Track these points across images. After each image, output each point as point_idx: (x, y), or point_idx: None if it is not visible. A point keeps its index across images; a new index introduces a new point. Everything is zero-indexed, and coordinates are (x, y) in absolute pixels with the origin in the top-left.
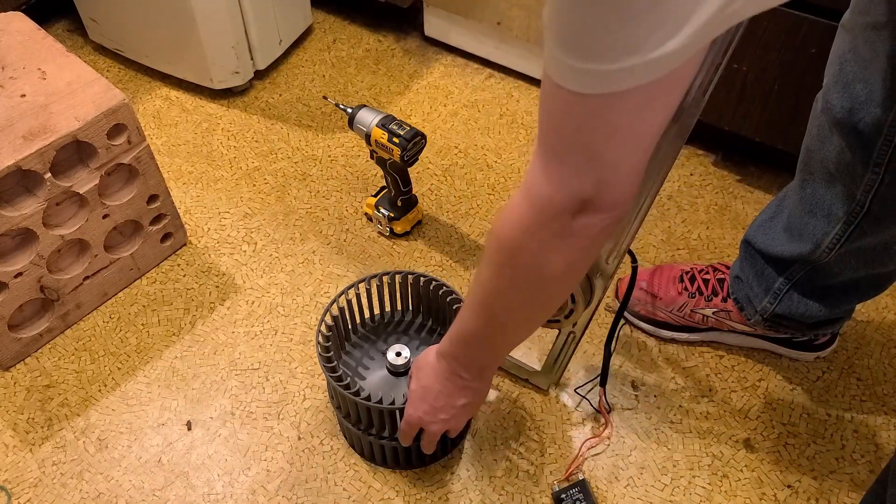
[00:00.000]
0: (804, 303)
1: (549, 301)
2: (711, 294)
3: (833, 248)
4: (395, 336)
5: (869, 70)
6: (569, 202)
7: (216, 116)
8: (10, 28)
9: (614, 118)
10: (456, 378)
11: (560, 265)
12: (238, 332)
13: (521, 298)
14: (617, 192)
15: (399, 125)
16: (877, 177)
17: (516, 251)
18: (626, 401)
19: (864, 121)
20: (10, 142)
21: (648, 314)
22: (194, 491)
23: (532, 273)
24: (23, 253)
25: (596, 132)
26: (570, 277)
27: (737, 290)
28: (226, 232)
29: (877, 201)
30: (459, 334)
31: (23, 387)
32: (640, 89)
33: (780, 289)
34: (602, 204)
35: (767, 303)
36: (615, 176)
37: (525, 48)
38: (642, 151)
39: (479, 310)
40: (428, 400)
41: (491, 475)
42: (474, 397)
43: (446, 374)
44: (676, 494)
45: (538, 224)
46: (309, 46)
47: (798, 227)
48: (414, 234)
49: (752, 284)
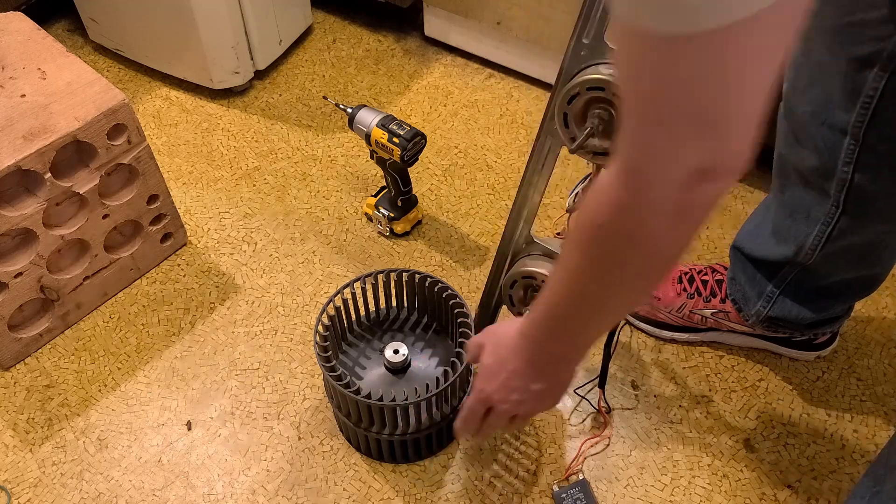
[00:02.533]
0: (797, 306)
1: (657, 281)
2: (710, 295)
3: (816, 250)
4: (392, 334)
5: (825, 72)
6: (683, 176)
7: (216, 116)
8: (10, 28)
9: (734, 59)
10: (535, 360)
11: (676, 244)
12: (238, 332)
13: (628, 286)
14: (739, 153)
15: (399, 125)
16: (847, 175)
17: (620, 239)
18: (626, 401)
19: (827, 122)
20: (10, 142)
21: (648, 314)
22: (194, 491)
23: (643, 259)
24: (23, 253)
25: (711, 83)
26: (684, 251)
27: (733, 291)
28: (226, 232)
29: (851, 199)
30: (545, 318)
31: (23, 387)
32: (763, 16)
33: (771, 293)
34: (723, 170)
35: (761, 307)
36: (737, 134)
37: (525, 48)
38: (763, 99)
39: (576, 299)
40: (500, 377)
41: (491, 475)
42: (552, 386)
43: (526, 354)
44: (676, 494)
45: (649, 207)
46: (309, 46)
47: (782, 231)
48: (414, 234)
49: (746, 289)
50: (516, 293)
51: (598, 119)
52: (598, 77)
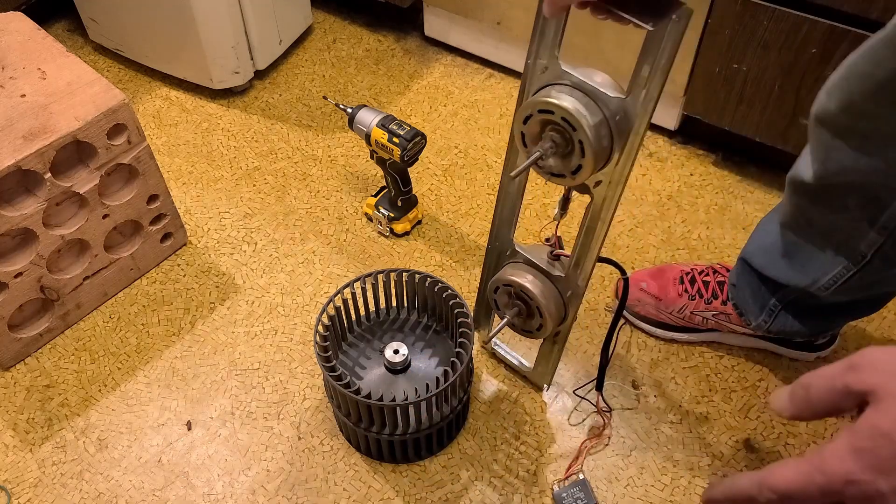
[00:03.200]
0: (797, 322)
1: None
2: (711, 297)
3: (830, 287)
4: (392, 334)
5: (884, 144)
6: None
7: (216, 116)
8: (10, 28)
9: None
10: None
11: None
12: (238, 332)
13: None
14: None
15: (399, 125)
16: (881, 238)
17: None
18: (627, 401)
19: (874, 187)
20: (10, 142)
21: (649, 315)
22: (194, 491)
23: None
24: (23, 253)
25: None
26: None
27: (735, 296)
28: (226, 232)
29: (879, 256)
30: None
31: (23, 387)
32: None
33: (774, 307)
34: None
35: (762, 320)
36: None
37: (525, 48)
38: None
39: None
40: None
41: (491, 475)
42: None
43: None
44: (676, 494)
45: None
46: (309, 46)
47: (799, 261)
48: (414, 234)
49: (748, 299)
50: (500, 298)
51: (550, 142)
52: (546, 100)
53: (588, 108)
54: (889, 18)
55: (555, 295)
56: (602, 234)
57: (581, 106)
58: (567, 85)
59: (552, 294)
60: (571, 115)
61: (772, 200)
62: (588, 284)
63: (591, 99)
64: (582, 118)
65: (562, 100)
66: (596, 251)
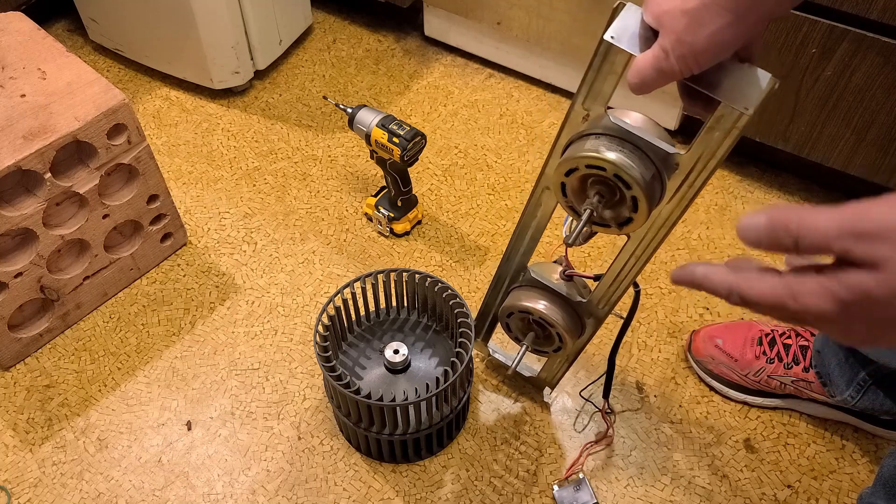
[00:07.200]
0: (891, 400)
1: None
2: (792, 362)
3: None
4: (392, 334)
5: None
6: None
7: (216, 116)
8: (10, 28)
9: None
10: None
11: None
12: (238, 332)
13: None
14: None
15: (399, 125)
16: None
17: None
18: (627, 401)
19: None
20: (10, 142)
21: (722, 374)
22: (194, 491)
23: None
24: (23, 253)
25: None
26: None
27: (819, 364)
28: (226, 232)
29: None
30: None
31: (23, 387)
32: None
33: (863, 381)
34: None
35: (850, 395)
36: None
37: (525, 48)
38: None
39: None
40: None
41: (491, 475)
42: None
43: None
44: (676, 494)
45: None
46: (309, 46)
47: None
48: (414, 234)
49: (834, 370)
50: (514, 322)
51: (597, 195)
52: (597, 156)
53: (641, 163)
54: (889, 18)
55: (574, 319)
56: (637, 271)
57: (634, 161)
58: (617, 138)
59: (572, 319)
60: (625, 173)
61: (772, 201)
62: None
63: (642, 150)
64: (637, 175)
65: (614, 155)
66: (627, 285)
